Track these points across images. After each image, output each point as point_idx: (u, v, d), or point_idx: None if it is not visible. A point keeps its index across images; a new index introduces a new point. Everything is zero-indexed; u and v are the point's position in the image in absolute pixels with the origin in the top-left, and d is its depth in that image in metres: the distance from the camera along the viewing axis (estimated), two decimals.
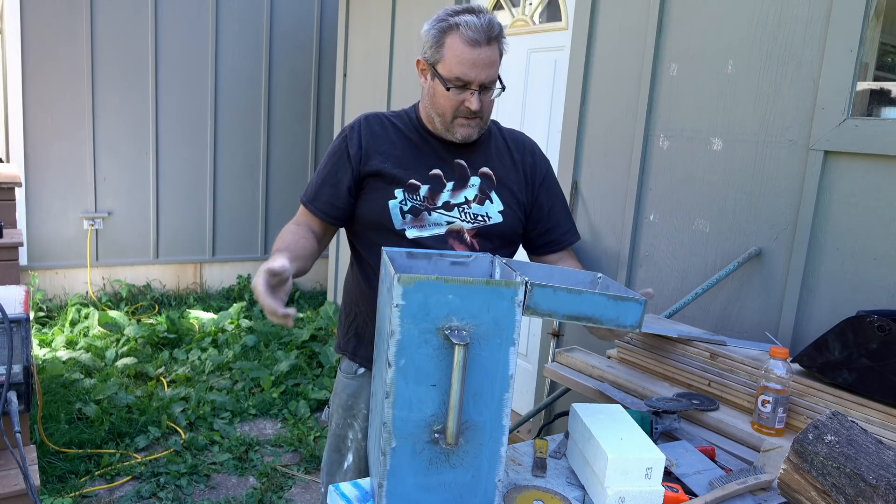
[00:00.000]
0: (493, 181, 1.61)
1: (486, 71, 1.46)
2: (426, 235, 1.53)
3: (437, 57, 1.48)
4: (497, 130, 1.70)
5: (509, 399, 1.11)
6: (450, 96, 1.48)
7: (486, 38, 1.44)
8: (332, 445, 1.72)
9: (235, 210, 5.54)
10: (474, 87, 1.47)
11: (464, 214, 1.56)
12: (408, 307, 1.05)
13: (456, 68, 1.45)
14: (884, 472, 1.07)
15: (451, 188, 1.57)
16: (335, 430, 1.71)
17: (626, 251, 2.64)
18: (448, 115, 1.52)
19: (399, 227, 1.52)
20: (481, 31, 1.43)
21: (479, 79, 1.46)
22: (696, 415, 1.64)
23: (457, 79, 1.46)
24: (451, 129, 1.54)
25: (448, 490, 1.12)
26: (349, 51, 4.78)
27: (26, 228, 4.72)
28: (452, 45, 1.45)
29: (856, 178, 1.94)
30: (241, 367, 3.99)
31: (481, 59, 1.45)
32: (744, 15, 2.22)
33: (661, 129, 2.51)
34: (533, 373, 3.25)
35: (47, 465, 2.84)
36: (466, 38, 1.43)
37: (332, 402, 1.76)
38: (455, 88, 1.47)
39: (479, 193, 1.59)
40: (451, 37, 1.45)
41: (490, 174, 1.61)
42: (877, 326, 1.47)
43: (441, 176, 1.57)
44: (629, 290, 1.26)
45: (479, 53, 1.44)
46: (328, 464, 1.73)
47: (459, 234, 1.56)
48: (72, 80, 4.78)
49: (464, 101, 1.48)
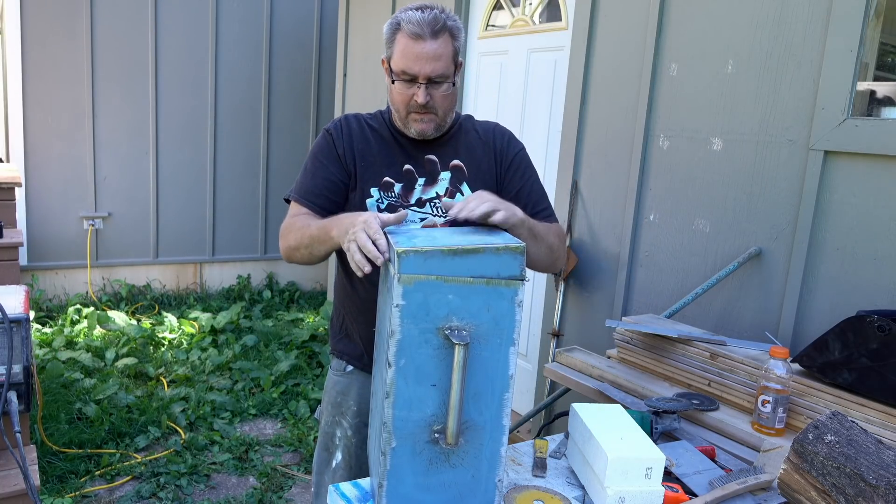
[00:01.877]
0: (463, 173, 1.62)
1: (430, 64, 1.48)
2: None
3: (390, 53, 1.53)
4: (469, 124, 1.71)
5: (509, 399, 1.11)
6: (399, 90, 1.52)
7: (430, 32, 1.46)
8: (321, 444, 1.74)
9: (235, 210, 5.54)
10: (420, 80, 1.49)
11: (436, 209, 1.59)
12: (408, 307, 1.05)
13: (401, 62, 1.49)
14: (884, 472, 1.07)
15: (423, 184, 1.60)
16: (324, 428, 1.73)
17: (627, 251, 2.64)
18: (402, 110, 1.55)
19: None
20: (423, 25, 1.46)
21: (423, 72, 1.48)
22: (696, 415, 1.64)
23: (402, 72, 1.49)
24: (407, 124, 1.57)
25: (448, 490, 1.12)
26: (349, 51, 4.78)
27: (26, 228, 4.71)
28: (399, 40, 1.49)
29: (856, 178, 1.94)
30: (241, 367, 3.99)
31: (425, 53, 1.47)
32: (744, 15, 2.22)
33: (661, 129, 2.51)
34: (533, 373, 3.25)
35: (47, 465, 2.84)
36: (409, 32, 1.47)
37: (322, 400, 1.78)
38: (401, 82, 1.51)
39: (449, 187, 1.61)
40: (399, 32, 1.50)
41: (460, 166, 1.63)
42: (877, 326, 1.47)
43: (413, 172, 1.60)
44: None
45: (422, 47, 1.46)
46: (318, 462, 1.74)
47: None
48: (72, 80, 4.78)
49: (412, 96, 1.51)
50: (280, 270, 5.82)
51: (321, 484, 1.71)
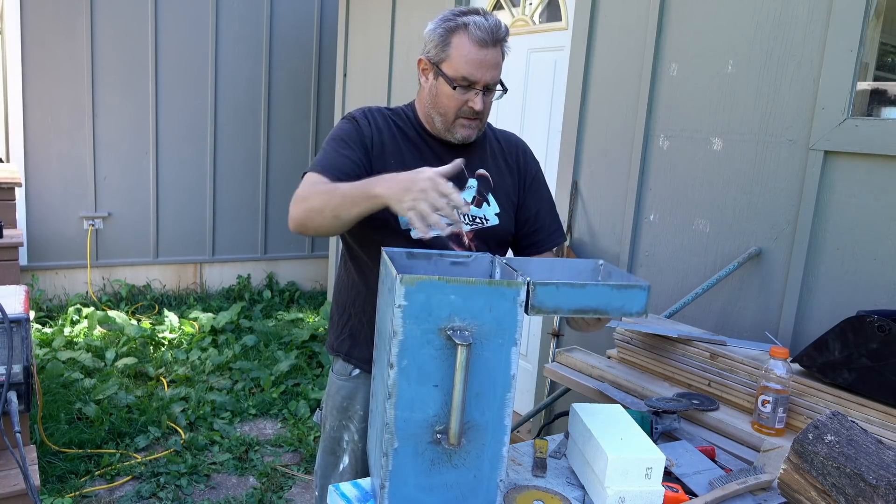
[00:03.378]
0: (489, 183, 1.61)
1: (491, 72, 1.47)
2: (429, 236, 1.53)
3: (443, 56, 1.48)
4: (490, 131, 1.69)
5: (511, 399, 1.12)
6: (454, 96, 1.49)
7: (493, 40, 1.45)
8: (326, 448, 1.71)
9: (235, 210, 5.54)
10: (479, 87, 1.48)
11: (463, 217, 1.56)
12: (410, 308, 1.06)
13: (463, 68, 1.46)
14: (884, 472, 1.08)
15: None
16: (329, 433, 1.70)
17: (627, 251, 2.64)
18: (451, 115, 1.52)
19: (405, 227, 1.52)
20: (489, 31, 1.44)
21: (484, 79, 1.47)
22: (696, 415, 1.64)
23: (463, 78, 1.47)
24: (452, 129, 1.54)
25: (450, 490, 1.12)
26: (349, 51, 4.78)
27: (26, 228, 4.71)
28: (460, 44, 1.45)
29: (856, 178, 1.94)
30: (241, 367, 3.99)
31: (488, 60, 1.45)
32: (744, 15, 2.22)
33: (661, 129, 2.52)
34: (533, 373, 3.25)
35: (47, 465, 2.84)
36: (475, 38, 1.44)
37: (324, 403, 1.74)
38: (460, 88, 1.48)
39: (476, 195, 1.59)
40: (458, 36, 1.46)
41: (486, 176, 1.61)
42: (877, 326, 1.47)
43: None
44: (631, 276, 1.26)
45: (486, 54, 1.45)
46: (322, 466, 1.71)
47: (458, 237, 1.56)
48: (72, 80, 4.78)
49: (467, 101, 1.49)
50: (280, 270, 5.82)
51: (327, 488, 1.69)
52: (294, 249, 5.85)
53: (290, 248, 5.83)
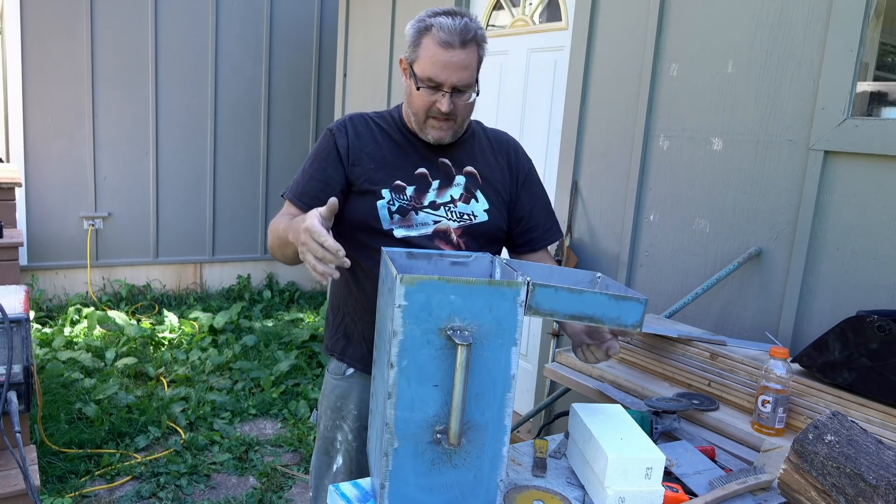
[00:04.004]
0: (477, 180, 1.62)
1: (457, 74, 1.46)
2: (414, 235, 1.54)
3: (414, 56, 1.50)
4: (481, 130, 1.70)
5: (511, 399, 1.12)
6: (422, 96, 1.50)
7: (461, 41, 1.44)
8: (320, 448, 1.71)
9: (235, 210, 5.54)
10: (445, 88, 1.47)
11: (450, 213, 1.57)
12: (410, 308, 1.06)
13: (428, 69, 1.46)
14: (884, 472, 1.08)
15: (437, 187, 1.58)
16: (323, 433, 1.70)
17: (627, 251, 2.64)
18: (420, 114, 1.53)
19: (387, 228, 1.53)
20: (455, 33, 1.43)
21: (449, 81, 1.46)
22: (696, 415, 1.64)
23: (428, 79, 1.47)
24: (424, 129, 1.55)
25: (450, 490, 1.12)
26: (349, 51, 4.78)
27: (26, 228, 4.71)
28: (427, 45, 1.46)
29: (856, 178, 1.94)
30: (241, 367, 3.99)
31: (453, 62, 1.45)
32: (744, 15, 2.22)
33: (661, 129, 2.52)
34: (533, 373, 3.25)
35: (47, 465, 2.84)
36: (439, 39, 1.44)
37: (320, 403, 1.74)
38: (426, 89, 1.48)
39: (464, 192, 1.59)
40: (426, 37, 1.46)
41: (474, 173, 1.62)
42: (877, 326, 1.47)
43: (427, 175, 1.58)
44: (629, 290, 1.26)
45: (451, 56, 1.44)
46: (317, 466, 1.71)
47: (446, 233, 1.56)
48: (72, 80, 4.78)
49: (434, 102, 1.49)
50: (280, 270, 5.82)
51: (320, 488, 1.69)
52: None
53: None
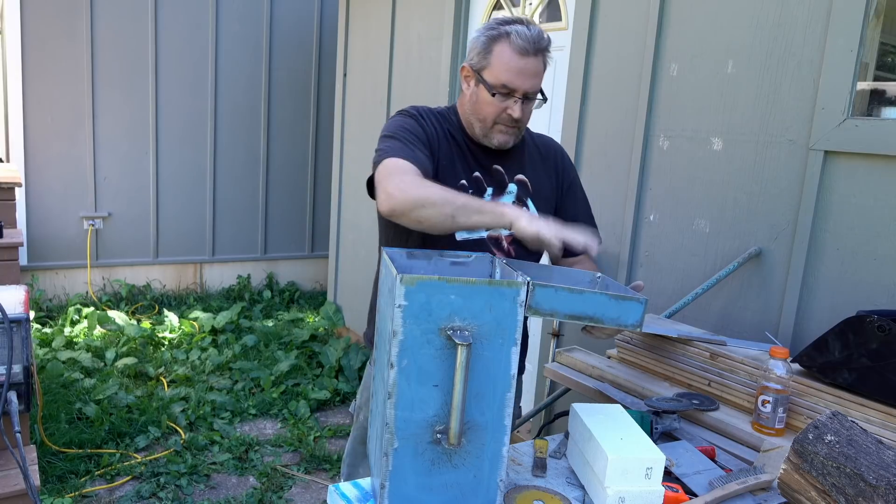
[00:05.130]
0: (528, 188, 1.64)
1: (531, 80, 1.49)
2: (473, 238, 1.56)
3: (484, 63, 1.51)
4: (528, 137, 1.71)
5: (511, 399, 1.12)
6: (494, 102, 1.51)
7: (535, 49, 1.47)
8: (357, 437, 1.74)
9: (235, 210, 5.54)
10: (518, 94, 1.50)
11: None
12: (410, 307, 1.06)
13: (503, 75, 1.48)
14: (884, 472, 1.08)
15: (491, 193, 1.60)
16: (363, 423, 1.73)
17: (627, 251, 2.64)
18: (489, 120, 1.54)
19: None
20: (531, 41, 1.46)
21: (523, 87, 1.49)
22: (696, 415, 1.64)
23: (503, 86, 1.49)
24: (490, 134, 1.56)
25: (450, 490, 1.12)
26: (349, 51, 4.78)
27: (26, 228, 4.71)
28: (501, 52, 1.48)
29: (856, 178, 1.94)
30: (241, 367, 3.99)
31: (528, 69, 1.47)
32: (744, 15, 2.22)
33: (661, 129, 2.51)
34: (533, 373, 3.25)
35: (47, 465, 2.84)
36: (516, 46, 1.46)
37: (360, 394, 1.78)
38: (500, 95, 1.50)
39: (516, 201, 1.62)
40: (500, 44, 1.48)
41: (525, 181, 1.64)
42: (877, 326, 1.47)
43: (482, 180, 1.60)
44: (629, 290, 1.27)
45: (526, 63, 1.47)
46: (352, 454, 1.75)
47: (498, 240, 1.58)
48: (72, 80, 4.78)
49: (506, 109, 1.51)
50: (280, 270, 5.82)
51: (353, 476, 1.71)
52: (294, 249, 5.86)
53: (290, 248, 5.83)
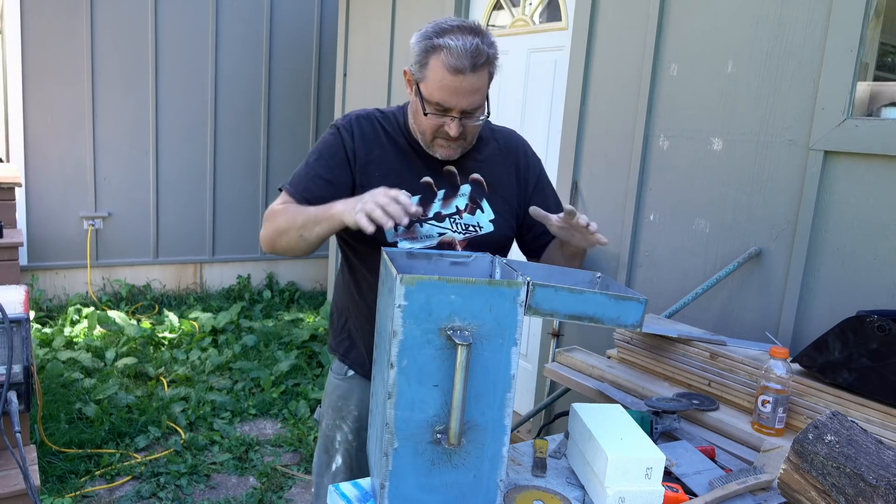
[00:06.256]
0: (483, 188, 1.57)
1: (467, 98, 1.38)
2: (418, 247, 1.50)
3: (421, 76, 1.41)
4: (489, 131, 1.62)
5: (511, 399, 1.12)
6: (429, 119, 1.43)
7: (471, 66, 1.35)
8: (321, 446, 1.71)
9: (235, 210, 5.54)
10: (454, 113, 1.41)
11: (455, 225, 1.52)
12: (410, 307, 1.06)
13: (436, 94, 1.38)
14: (884, 472, 1.08)
15: (442, 197, 1.53)
16: (325, 431, 1.70)
17: (627, 251, 2.64)
18: (428, 135, 1.47)
19: (391, 240, 1.49)
20: (466, 56, 1.34)
21: (459, 106, 1.39)
22: (696, 415, 1.64)
23: (437, 104, 1.40)
24: (432, 147, 1.49)
25: (450, 490, 1.12)
26: (349, 51, 4.78)
27: (26, 228, 4.71)
28: (435, 68, 1.37)
29: (856, 178, 1.94)
30: (241, 367, 3.99)
31: (463, 87, 1.37)
32: (744, 15, 2.22)
33: (661, 129, 2.52)
34: (533, 373, 3.25)
35: (47, 465, 2.84)
36: (449, 64, 1.34)
37: (322, 402, 1.74)
38: (433, 114, 1.41)
39: (469, 202, 1.54)
40: (434, 59, 1.37)
41: (480, 181, 1.57)
42: (877, 326, 1.47)
43: (432, 184, 1.53)
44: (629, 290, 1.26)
45: (461, 81, 1.36)
46: (317, 465, 1.72)
47: (451, 245, 1.52)
48: (72, 80, 4.78)
49: (443, 125, 1.43)
50: (280, 270, 5.82)
51: (321, 486, 1.70)
52: None
53: None
